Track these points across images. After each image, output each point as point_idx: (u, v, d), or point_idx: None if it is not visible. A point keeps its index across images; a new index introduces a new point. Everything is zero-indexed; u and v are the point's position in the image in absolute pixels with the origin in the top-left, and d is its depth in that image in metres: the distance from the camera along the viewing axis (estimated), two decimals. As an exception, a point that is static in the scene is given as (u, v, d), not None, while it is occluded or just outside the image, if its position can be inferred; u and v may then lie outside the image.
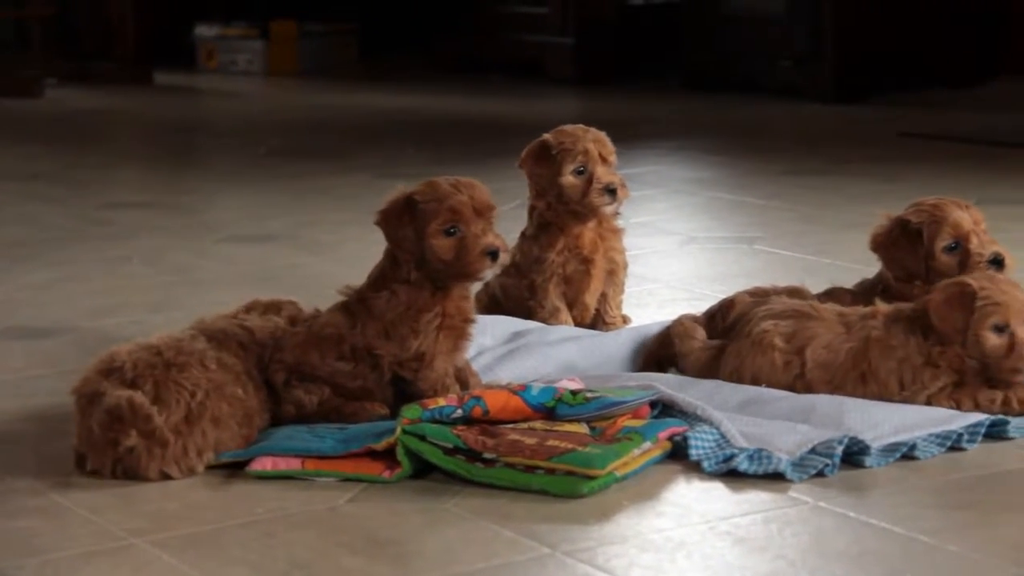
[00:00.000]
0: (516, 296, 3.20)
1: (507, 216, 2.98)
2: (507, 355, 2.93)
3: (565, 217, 3.16)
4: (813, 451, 2.47)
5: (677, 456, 2.52)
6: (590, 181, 3.11)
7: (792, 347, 2.75)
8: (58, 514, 2.37)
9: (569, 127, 3.17)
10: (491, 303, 3.21)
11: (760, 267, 3.84)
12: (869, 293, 2.93)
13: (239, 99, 7.57)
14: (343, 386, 2.67)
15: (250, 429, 2.57)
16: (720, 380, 2.78)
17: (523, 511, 2.33)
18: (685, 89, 7.13)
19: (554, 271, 3.16)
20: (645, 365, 2.97)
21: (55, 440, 2.65)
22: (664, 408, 2.65)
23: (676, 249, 4.11)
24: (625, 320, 3.25)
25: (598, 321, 3.21)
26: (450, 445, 2.44)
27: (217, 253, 4.18)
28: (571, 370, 2.89)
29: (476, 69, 7.88)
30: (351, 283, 2.73)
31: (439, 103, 7.14)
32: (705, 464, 2.48)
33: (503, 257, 2.65)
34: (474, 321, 2.71)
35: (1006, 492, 2.40)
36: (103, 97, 7.56)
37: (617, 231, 3.21)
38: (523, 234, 3.22)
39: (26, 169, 5.60)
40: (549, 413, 2.55)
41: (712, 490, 2.41)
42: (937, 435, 2.55)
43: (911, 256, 2.90)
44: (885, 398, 2.69)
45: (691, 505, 2.35)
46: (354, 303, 2.69)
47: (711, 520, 2.29)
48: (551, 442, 2.44)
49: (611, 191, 3.12)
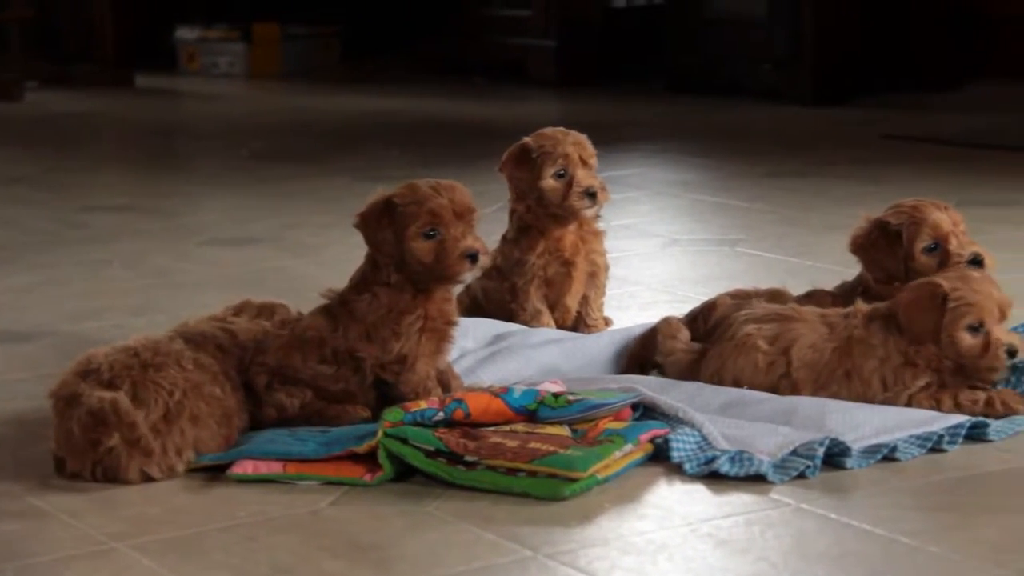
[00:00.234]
0: (498, 299, 3.19)
1: (489, 219, 2.99)
2: (489, 358, 2.93)
3: (545, 220, 3.16)
4: (794, 453, 2.47)
5: (659, 458, 2.52)
6: (570, 184, 3.11)
7: (776, 348, 2.75)
8: (37, 518, 2.36)
9: (549, 130, 3.17)
10: (472, 305, 3.20)
11: (742, 269, 3.84)
12: (849, 295, 2.94)
13: (221, 101, 7.55)
14: (325, 389, 2.66)
15: (229, 429, 2.57)
16: (701, 382, 2.79)
17: (505, 514, 2.33)
18: (669, 92, 7.14)
19: (535, 274, 3.16)
20: (627, 367, 2.97)
21: (34, 444, 2.64)
22: (646, 410, 2.65)
23: (658, 251, 4.11)
24: (607, 322, 3.25)
25: (579, 323, 3.21)
26: (432, 448, 2.44)
27: (199, 256, 4.17)
28: (553, 373, 2.89)
29: (459, 71, 7.87)
30: (333, 286, 2.73)
31: (422, 105, 7.13)
32: (687, 466, 2.48)
33: (483, 260, 2.65)
34: (456, 323, 2.70)
35: (986, 494, 2.40)
36: (84, 100, 7.53)
37: (598, 233, 3.21)
38: (504, 237, 3.22)
39: (6, 172, 5.57)
40: (531, 416, 2.55)
41: (694, 492, 2.41)
42: (918, 437, 2.55)
43: (890, 257, 2.91)
44: (870, 397, 2.69)
45: (673, 507, 2.35)
46: (336, 306, 2.69)
47: (693, 522, 2.29)
48: (533, 444, 2.44)
49: (591, 194, 3.12)
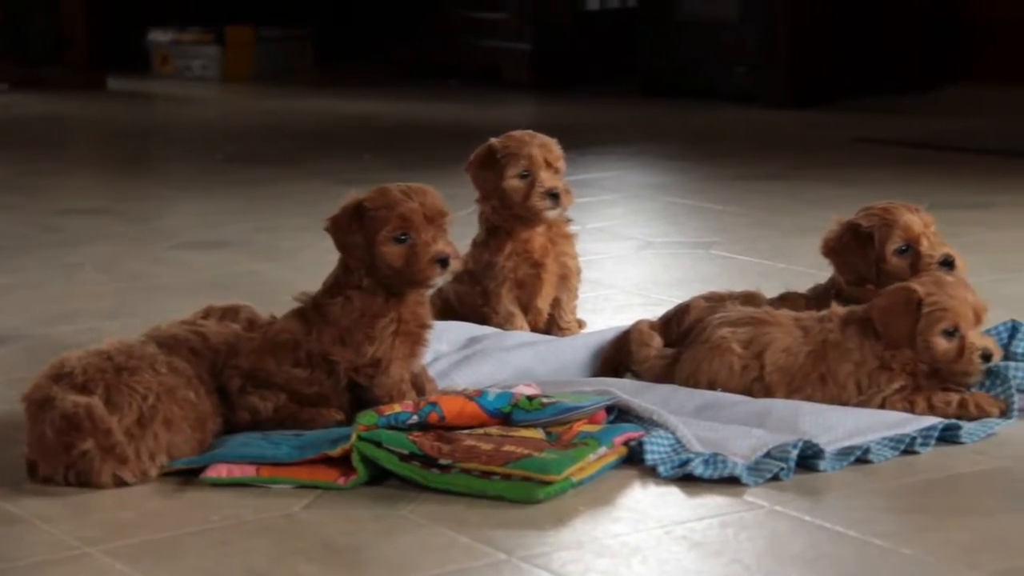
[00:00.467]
0: (470, 303, 3.19)
1: (462, 222, 2.98)
2: (463, 361, 2.93)
3: (511, 221, 3.16)
4: (768, 455, 2.48)
5: (633, 461, 2.52)
6: (532, 185, 3.12)
7: (751, 352, 2.76)
8: (10, 523, 2.35)
9: (517, 132, 3.18)
10: (445, 309, 3.20)
11: (716, 272, 3.85)
12: (822, 298, 2.95)
13: (194, 105, 7.53)
14: (299, 392, 2.65)
15: (203, 433, 2.56)
16: (676, 385, 2.79)
17: (479, 517, 2.32)
18: (643, 94, 7.15)
19: (506, 276, 3.16)
20: (601, 370, 2.97)
21: (6, 448, 2.62)
22: (620, 413, 2.65)
23: (632, 254, 4.12)
24: (580, 325, 3.25)
25: (552, 326, 3.21)
26: (406, 451, 2.44)
27: (171, 260, 4.15)
28: (527, 376, 2.89)
29: (433, 74, 7.86)
30: (307, 289, 2.72)
31: (396, 108, 7.13)
32: (661, 469, 2.48)
33: (454, 264, 2.65)
34: (430, 327, 2.70)
35: (959, 495, 2.41)
36: (56, 103, 7.50)
37: (569, 236, 3.22)
38: (474, 241, 3.22)
39: (-22, 176, 5.55)
40: (505, 419, 2.55)
41: (668, 495, 2.41)
42: (891, 439, 2.56)
43: (862, 260, 2.92)
44: (844, 400, 2.70)
45: (647, 510, 2.36)
46: (309, 309, 2.68)
47: (667, 525, 2.29)
48: (507, 447, 2.44)
49: (553, 195, 3.12)
